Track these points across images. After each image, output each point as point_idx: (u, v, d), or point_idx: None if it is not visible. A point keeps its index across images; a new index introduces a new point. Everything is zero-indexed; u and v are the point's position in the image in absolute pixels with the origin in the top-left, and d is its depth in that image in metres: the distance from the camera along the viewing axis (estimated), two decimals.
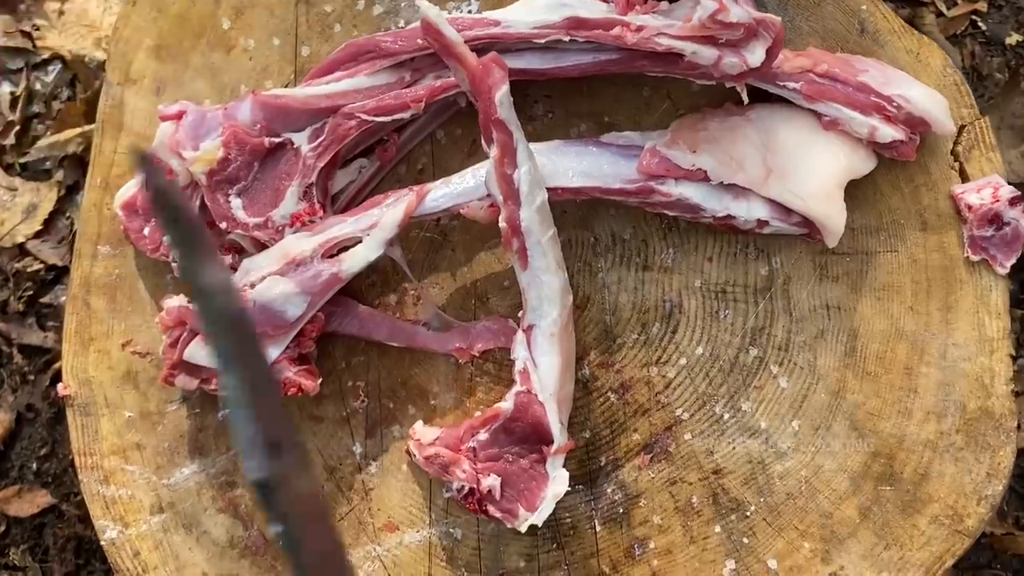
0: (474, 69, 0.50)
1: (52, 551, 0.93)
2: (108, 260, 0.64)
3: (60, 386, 0.63)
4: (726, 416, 0.58)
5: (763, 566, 0.56)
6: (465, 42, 0.51)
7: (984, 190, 0.56)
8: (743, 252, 0.59)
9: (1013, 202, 0.55)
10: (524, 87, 0.61)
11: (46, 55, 0.99)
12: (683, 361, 0.59)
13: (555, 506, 0.58)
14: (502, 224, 0.53)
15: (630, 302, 0.60)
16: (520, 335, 0.55)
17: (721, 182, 0.53)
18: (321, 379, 0.59)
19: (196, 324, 0.55)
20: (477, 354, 0.59)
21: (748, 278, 0.59)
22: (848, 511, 0.56)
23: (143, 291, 0.63)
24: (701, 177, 0.53)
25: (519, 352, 0.55)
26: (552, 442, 0.53)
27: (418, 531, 0.59)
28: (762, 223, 0.54)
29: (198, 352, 0.55)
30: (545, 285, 0.53)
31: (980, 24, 0.96)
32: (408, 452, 0.57)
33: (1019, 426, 0.87)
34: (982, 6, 0.94)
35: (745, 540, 0.57)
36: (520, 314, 0.56)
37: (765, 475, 0.57)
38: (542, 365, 0.54)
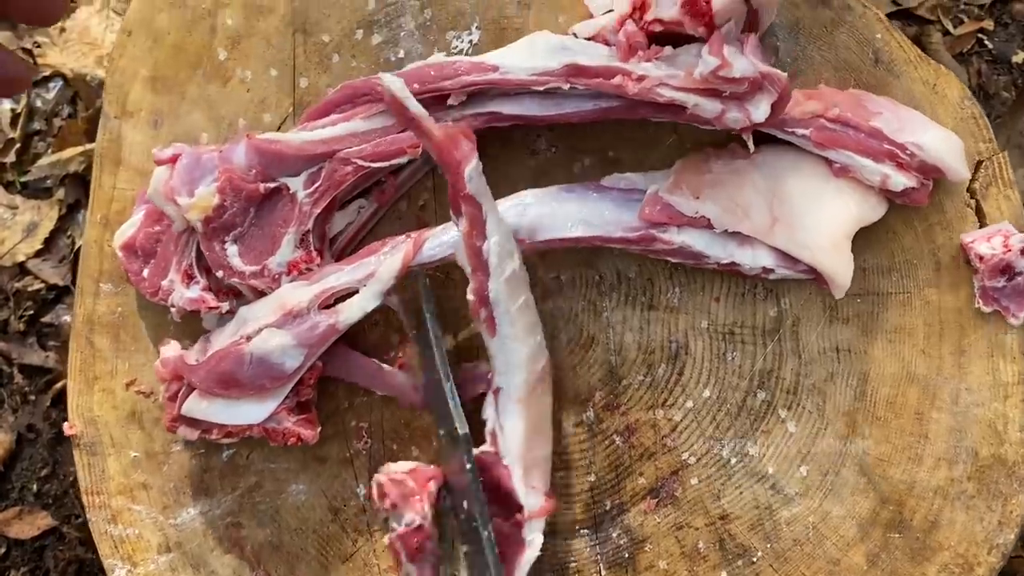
0: (441, 143, 0.48)
1: (53, 574, 0.94)
2: (110, 298, 0.64)
3: (66, 425, 0.63)
4: (733, 460, 0.57)
5: None
6: (464, 87, 0.50)
7: (994, 239, 0.54)
8: (751, 293, 0.58)
9: None
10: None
11: (47, 72, 0.98)
12: (689, 404, 0.58)
13: (560, 550, 0.58)
14: (470, 296, 0.52)
15: (635, 342, 0.59)
16: (489, 396, 0.54)
17: (725, 230, 0.52)
18: (322, 426, 0.59)
19: (191, 378, 0.54)
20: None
21: (756, 319, 0.58)
22: (856, 558, 0.56)
23: (145, 329, 0.63)
24: (704, 224, 0.52)
25: (488, 412, 0.54)
26: (522, 507, 0.52)
27: None
28: (768, 270, 0.53)
29: (196, 407, 0.54)
30: (512, 352, 0.53)
31: (987, 43, 0.93)
32: (377, 485, 0.55)
33: None
34: (988, 24, 0.91)
35: None
36: (489, 376, 0.55)
37: (772, 521, 0.56)
38: (507, 428, 0.53)
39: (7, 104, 0.99)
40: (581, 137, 0.60)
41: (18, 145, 0.98)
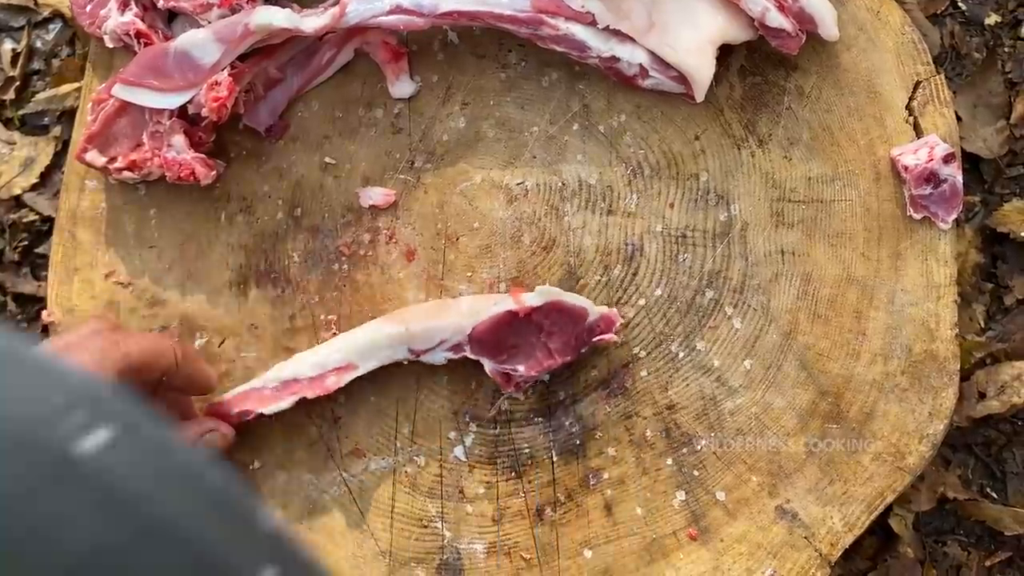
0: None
1: None
2: (95, 194, 0.67)
3: (44, 313, 0.66)
4: (681, 355, 0.60)
5: (712, 498, 0.58)
6: None
7: (920, 150, 0.58)
8: (704, 199, 0.62)
9: (947, 159, 0.57)
10: (498, 37, 0.64)
11: (47, 13, 1.02)
12: (642, 302, 0.61)
13: (515, 438, 0.61)
14: None
15: (594, 245, 0.62)
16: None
17: (607, 27, 0.57)
18: (292, 319, 0.61)
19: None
20: None
21: (707, 223, 0.61)
22: (795, 447, 0.58)
23: (127, 224, 0.66)
24: (589, 21, 0.57)
25: None
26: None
27: (384, 458, 0.61)
28: (644, 71, 0.58)
29: (122, 91, 0.60)
30: None
31: (960, 4, 0.98)
32: None
33: (984, 393, 0.90)
34: None
35: (695, 473, 0.59)
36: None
37: (716, 411, 0.59)
38: None
39: (8, 44, 1.03)
40: (550, 52, 0.64)
41: (17, 83, 1.01)
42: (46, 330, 0.68)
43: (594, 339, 0.56)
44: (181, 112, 0.62)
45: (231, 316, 0.64)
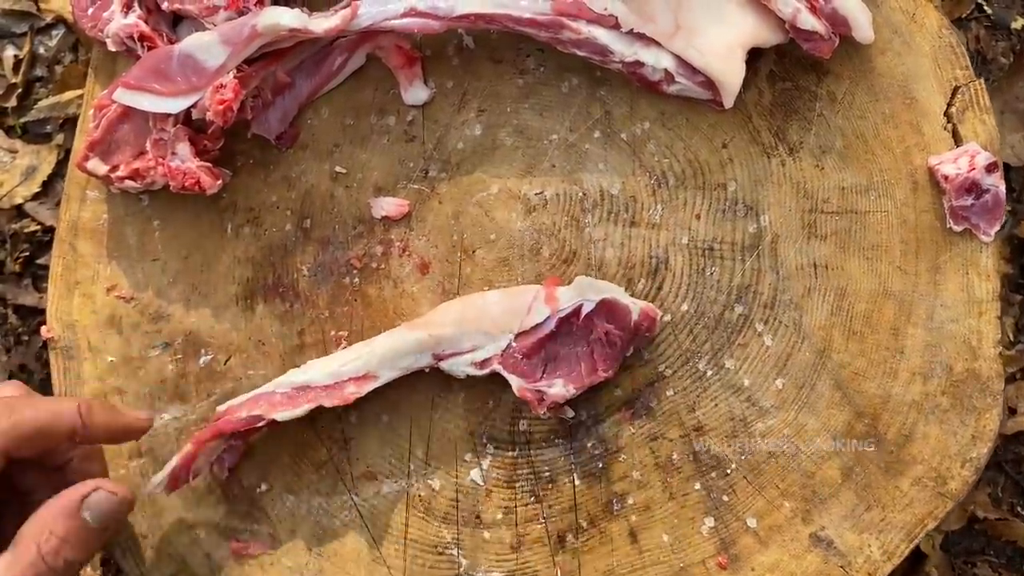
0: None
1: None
2: (96, 205, 0.64)
3: (44, 329, 0.63)
4: (709, 373, 0.57)
5: (742, 524, 0.55)
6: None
7: (960, 159, 0.55)
8: (731, 210, 0.59)
9: (989, 169, 0.54)
10: (516, 41, 0.61)
11: (49, 18, 1.00)
12: (667, 318, 0.58)
13: (535, 460, 0.58)
14: None
15: (616, 258, 0.59)
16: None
17: (631, 30, 0.55)
18: (301, 333, 0.59)
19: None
20: None
21: (736, 235, 0.59)
22: (830, 471, 0.55)
23: (130, 236, 0.63)
24: (612, 24, 0.55)
25: None
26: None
27: (396, 481, 0.59)
28: (669, 76, 0.55)
29: (124, 95, 0.58)
30: None
31: (986, 8, 0.95)
32: None
33: (1015, 409, 0.86)
34: None
35: (725, 498, 0.56)
36: None
37: (747, 433, 0.56)
38: None
39: (10, 50, 1.00)
40: (569, 56, 0.61)
41: (20, 91, 0.99)
42: (46, 346, 0.66)
43: (642, 338, 0.53)
44: (186, 119, 0.60)
45: (237, 332, 0.61)
